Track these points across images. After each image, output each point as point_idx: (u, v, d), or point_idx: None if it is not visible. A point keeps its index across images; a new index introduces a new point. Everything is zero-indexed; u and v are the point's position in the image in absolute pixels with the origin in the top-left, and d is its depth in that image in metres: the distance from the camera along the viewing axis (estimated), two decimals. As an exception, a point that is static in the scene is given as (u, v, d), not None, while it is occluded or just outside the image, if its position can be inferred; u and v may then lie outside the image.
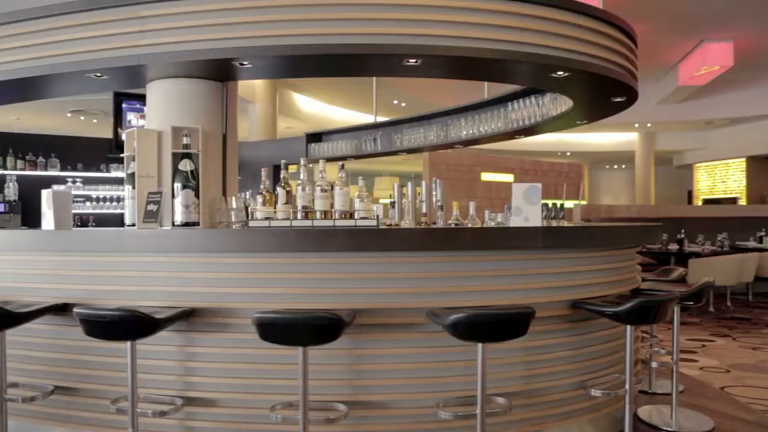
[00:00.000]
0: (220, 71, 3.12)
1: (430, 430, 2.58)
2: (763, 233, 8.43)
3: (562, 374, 2.80)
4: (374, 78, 7.10)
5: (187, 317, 2.53)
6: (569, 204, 8.62)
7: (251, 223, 2.91)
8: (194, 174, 3.03)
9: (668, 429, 3.22)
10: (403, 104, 14.17)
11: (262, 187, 3.03)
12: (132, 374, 2.36)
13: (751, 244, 8.30)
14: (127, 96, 7.31)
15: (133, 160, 3.06)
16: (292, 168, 5.45)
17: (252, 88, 10.91)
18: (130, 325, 2.25)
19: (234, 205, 3.03)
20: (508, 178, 10.14)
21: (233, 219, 3.00)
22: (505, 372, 2.67)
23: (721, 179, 16.56)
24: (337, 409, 2.49)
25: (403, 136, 5.81)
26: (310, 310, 2.30)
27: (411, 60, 2.88)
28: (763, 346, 5.28)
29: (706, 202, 16.70)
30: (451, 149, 8.13)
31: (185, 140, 3.03)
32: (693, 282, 3.47)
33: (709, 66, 10.98)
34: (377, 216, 2.87)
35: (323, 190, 2.85)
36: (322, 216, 2.85)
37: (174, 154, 3.04)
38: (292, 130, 13.60)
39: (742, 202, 15.56)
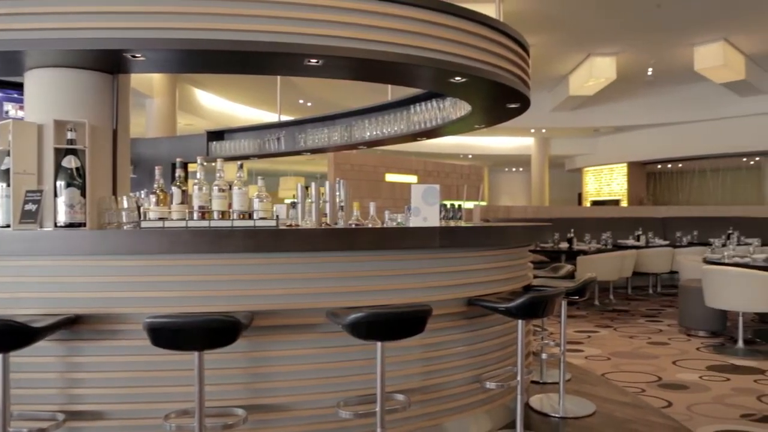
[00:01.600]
0: (109, 62, 2.94)
1: (330, 430, 2.58)
2: (640, 232, 9.22)
3: (458, 369, 2.91)
4: (278, 76, 6.99)
5: (71, 325, 2.36)
6: (469, 205, 8.97)
7: (144, 224, 2.76)
8: (80, 171, 2.83)
9: (556, 415, 3.44)
10: (309, 104, 14.09)
11: (155, 186, 2.89)
12: (4, 390, 2.15)
13: (630, 242, 9.05)
14: (3, 84, 6.67)
15: (8, 155, 2.80)
16: (193, 167, 5.25)
17: (149, 81, 10.38)
18: (1, 336, 2.06)
19: (125, 205, 2.86)
20: (412, 179, 10.36)
21: (124, 219, 2.84)
22: (404, 369, 2.73)
23: (606, 183, 17.93)
24: (236, 414, 2.42)
25: (307, 136, 5.78)
26: (205, 313, 2.22)
27: (312, 60, 2.87)
28: (638, 335, 5.78)
29: (594, 203, 18.00)
30: (355, 150, 8.19)
31: (70, 135, 2.82)
32: (580, 278, 3.73)
33: (595, 78, 11.88)
34: (277, 216, 2.83)
35: (221, 190, 2.76)
36: (220, 216, 2.76)
37: (57, 150, 2.82)
38: (192, 127, 13.08)
39: (624, 203, 16.94)
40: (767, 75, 12.82)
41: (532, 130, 16.47)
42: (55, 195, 2.79)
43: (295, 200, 3.31)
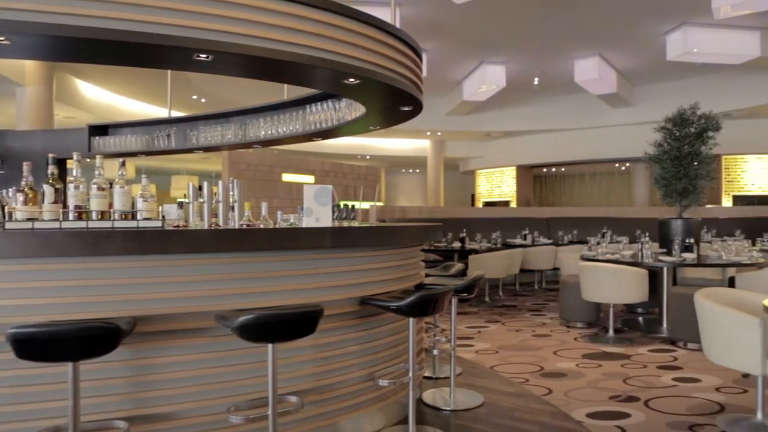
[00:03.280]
0: (-34, 46, 2.65)
1: (220, 436, 2.51)
2: (526, 232, 9.80)
3: (352, 368, 2.94)
4: (169, 70, 6.66)
5: None
6: (366, 205, 9.07)
7: (9, 225, 2.52)
8: (-70, 166, 2.54)
9: (447, 408, 3.57)
10: (203, 100, 13.56)
11: (23, 183, 2.66)
12: None
13: (518, 241, 9.58)
14: None
15: None
16: (71, 163, 4.86)
17: (21, 68, 9.49)
18: None
19: (-13, 204, 2.60)
20: (309, 179, 10.31)
21: (-14, 220, 2.58)
22: (296, 370, 2.71)
23: (497, 185, 18.87)
24: (116, 426, 2.28)
25: (200, 134, 5.56)
26: (79, 321, 2.07)
27: (202, 55, 2.76)
28: (524, 328, 6.15)
29: (486, 204, 18.88)
30: (251, 149, 8.00)
31: None
32: (471, 276, 3.90)
33: (487, 85, 12.46)
34: (163, 217, 2.70)
35: (100, 189, 2.59)
36: (99, 217, 2.59)
37: None
38: (73, 120, 12.14)
39: (513, 204, 17.92)
40: (635, 89, 14.15)
41: (428, 133, 16.95)
42: None
43: (185, 200, 3.17)
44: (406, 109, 4.05)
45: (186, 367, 2.45)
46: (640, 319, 6.45)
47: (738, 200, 14.62)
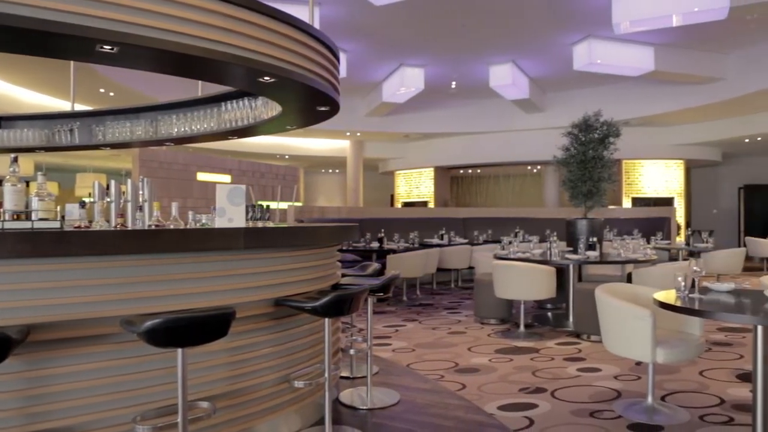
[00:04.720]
0: None
1: (125, 448, 2.40)
2: (443, 231, 10.04)
3: (266, 370, 2.90)
4: (72, 61, 6.25)
5: None
6: (284, 205, 8.95)
7: None
8: None
9: (364, 407, 3.60)
10: (111, 94, 12.84)
11: None
12: None
13: (435, 240, 9.80)
14: None
15: None
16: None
17: None
18: None
19: None
20: (226, 178, 10.04)
21: None
22: (208, 375, 2.64)
23: (416, 185, 19.19)
24: (6, 443, 2.13)
25: (106, 129, 5.26)
26: (-37, 331, 1.91)
27: (106, 47, 2.62)
28: (440, 326, 6.30)
29: (405, 204, 19.15)
30: (164, 146, 7.68)
31: None
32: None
33: (406, 87, 12.65)
34: (62, 217, 2.54)
35: (-12, 187, 2.40)
36: (-13, 217, 2.40)
37: None
38: (-39, 111, 11.10)
39: (431, 205, 18.30)
40: (546, 96, 14.88)
41: (348, 134, 16.96)
42: None
43: (89, 199, 3.00)
44: (323, 109, 4.03)
45: (87, 377, 2.31)
46: (549, 314, 6.79)
47: (636, 202, 15.74)
